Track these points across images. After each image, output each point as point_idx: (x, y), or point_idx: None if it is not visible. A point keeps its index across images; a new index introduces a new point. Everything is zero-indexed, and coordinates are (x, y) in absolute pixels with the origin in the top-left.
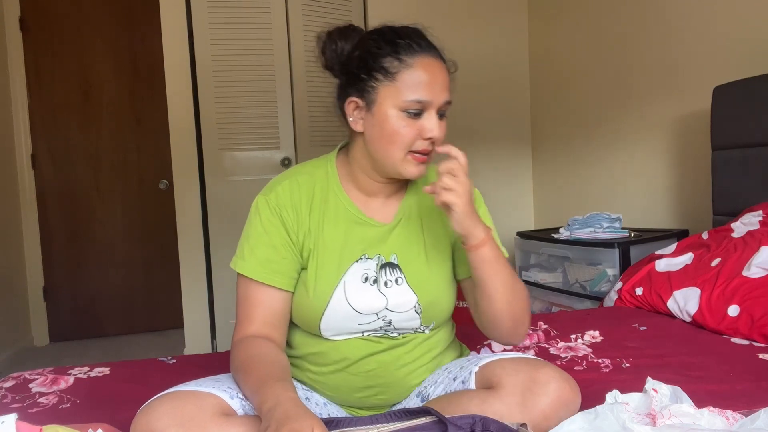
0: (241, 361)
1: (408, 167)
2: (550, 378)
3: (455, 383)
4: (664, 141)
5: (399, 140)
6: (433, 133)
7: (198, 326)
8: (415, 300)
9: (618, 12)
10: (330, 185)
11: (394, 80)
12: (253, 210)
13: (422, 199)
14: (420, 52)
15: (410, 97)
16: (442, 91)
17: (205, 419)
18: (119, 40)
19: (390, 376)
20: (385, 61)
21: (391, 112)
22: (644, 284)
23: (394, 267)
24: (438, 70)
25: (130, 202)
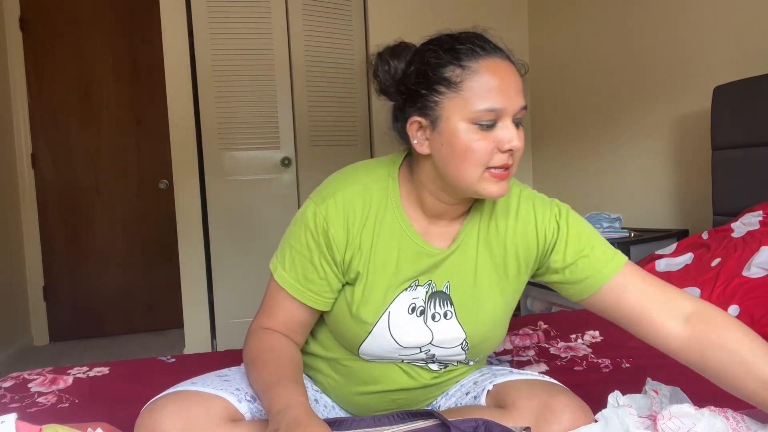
0: (255, 352)
1: (488, 186)
2: (565, 408)
3: (467, 398)
4: (664, 141)
5: (474, 157)
6: (512, 143)
7: (198, 326)
8: (463, 337)
9: (618, 12)
10: (389, 204)
11: (460, 90)
12: (301, 216)
13: (483, 222)
14: (484, 56)
15: (480, 107)
16: (516, 95)
17: (211, 425)
18: (119, 40)
19: (414, 405)
20: (447, 71)
21: (461, 126)
22: None
23: (444, 298)
24: (508, 73)
25: (130, 202)
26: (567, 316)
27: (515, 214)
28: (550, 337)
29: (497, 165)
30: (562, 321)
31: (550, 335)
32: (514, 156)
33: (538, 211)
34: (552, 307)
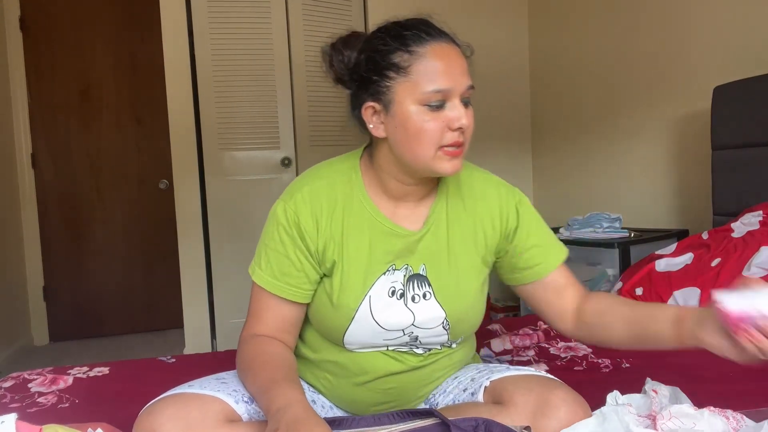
0: (249, 359)
1: (442, 164)
2: (562, 402)
3: (465, 394)
4: (664, 141)
5: (426, 137)
6: (461, 121)
7: (198, 326)
8: (443, 316)
9: (618, 12)
10: (354, 192)
11: (408, 74)
12: (272, 217)
13: (451, 203)
14: (430, 40)
15: (428, 88)
16: (462, 76)
17: (209, 426)
18: (119, 39)
19: (408, 395)
20: (395, 57)
21: (412, 109)
22: (644, 284)
23: (422, 280)
24: (453, 55)
25: (130, 202)
26: None
27: (481, 196)
28: (550, 337)
29: (449, 143)
30: None
31: (550, 335)
32: (464, 134)
33: (502, 195)
34: None
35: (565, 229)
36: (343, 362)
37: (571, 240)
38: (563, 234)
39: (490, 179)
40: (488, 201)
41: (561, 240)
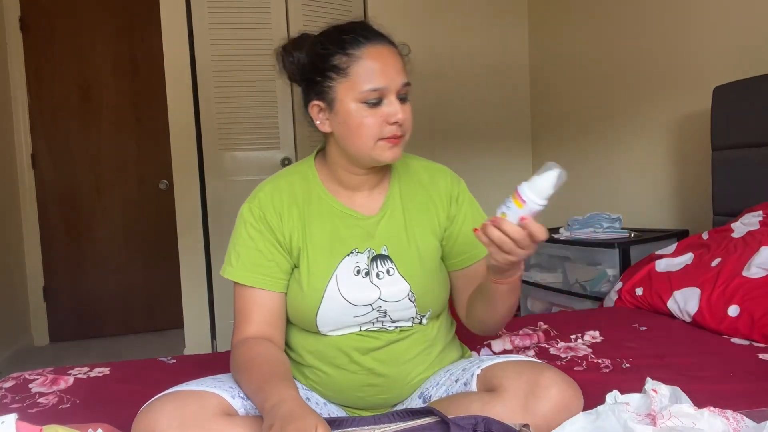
0: (241, 362)
1: (382, 153)
2: (552, 382)
3: (457, 385)
4: (664, 141)
5: (365, 132)
6: (397, 116)
7: (198, 326)
8: (407, 288)
9: (618, 12)
10: (311, 186)
11: (347, 75)
12: (239, 218)
13: (405, 189)
14: (366, 43)
15: (365, 87)
16: (397, 75)
17: (207, 419)
18: (119, 40)
19: (390, 373)
20: (335, 59)
21: (352, 106)
22: (644, 284)
23: (384, 258)
24: (388, 56)
25: (130, 202)
26: (567, 316)
27: (431, 182)
28: (550, 337)
29: (387, 136)
30: (562, 321)
31: (550, 335)
32: (403, 127)
33: (448, 182)
34: (552, 307)
35: (565, 229)
36: (321, 349)
37: (571, 240)
38: (563, 234)
39: (439, 168)
40: (438, 186)
41: (561, 240)
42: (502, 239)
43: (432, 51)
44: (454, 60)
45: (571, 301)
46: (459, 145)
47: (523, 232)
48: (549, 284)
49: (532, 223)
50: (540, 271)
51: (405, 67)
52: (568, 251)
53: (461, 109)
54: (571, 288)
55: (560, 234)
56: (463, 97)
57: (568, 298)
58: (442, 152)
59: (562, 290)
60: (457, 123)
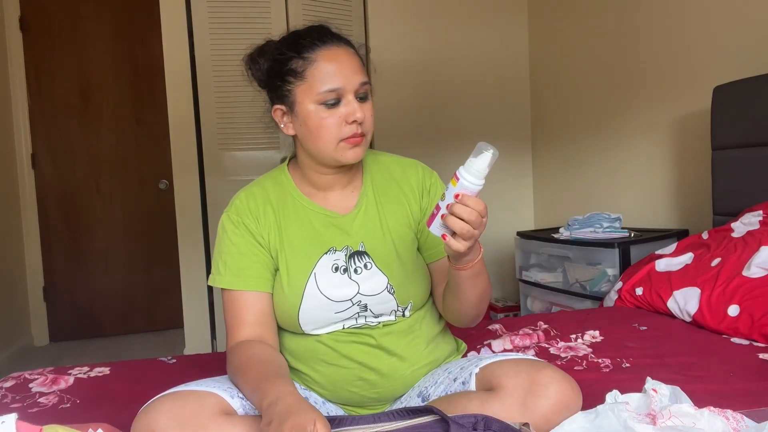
0: (237, 364)
1: (344, 153)
2: (550, 380)
3: (455, 384)
4: (664, 141)
5: (325, 133)
6: (355, 116)
7: (198, 326)
8: (386, 281)
9: (618, 12)
10: (286, 189)
11: (305, 78)
12: (220, 228)
13: (378, 185)
14: (321, 46)
15: (322, 89)
16: (353, 75)
17: (206, 419)
18: (119, 40)
19: (381, 367)
20: (292, 64)
21: (311, 108)
22: (644, 284)
23: (362, 254)
24: (343, 57)
25: (130, 202)
26: (567, 316)
27: (403, 177)
28: (550, 337)
29: (347, 136)
30: (562, 321)
31: (550, 335)
32: (363, 126)
33: (420, 175)
34: (552, 307)
35: (565, 229)
36: (309, 347)
37: (571, 240)
38: (563, 234)
39: (410, 162)
40: (409, 179)
41: (561, 240)
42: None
43: (432, 51)
44: (454, 60)
45: (571, 301)
46: (459, 145)
47: (472, 210)
48: (549, 284)
49: (469, 197)
50: (540, 271)
51: (363, 66)
52: (568, 251)
53: (461, 109)
54: (571, 288)
55: (560, 234)
56: (463, 97)
57: (568, 298)
58: (441, 152)
59: (562, 290)
60: (456, 123)
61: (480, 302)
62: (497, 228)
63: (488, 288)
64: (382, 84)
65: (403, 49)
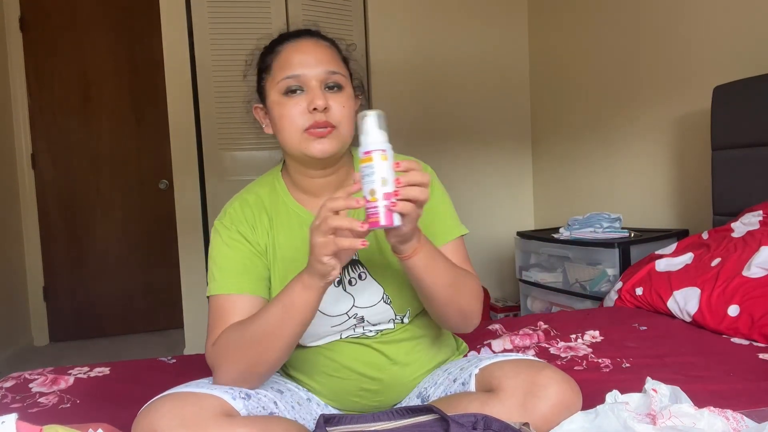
0: (224, 345)
1: (308, 146)
2: (550, 381)
3: (455, 385)
4: (664, 141)
5: (287, 122)
6: (315, 103)
7: (198, 326)
8: (381, 291)
9: (618, 12)
10: (279, 196)
11: (271, 70)
12: (213, 234)
13: None
14: (291, 39)
15: (281, 76)
16: (317, 63)
17: (207, 420)
18: (119, 40)
19: (383, 377)
20: (266, 59)
21: (275, 98)
22: (644, 284)
23: (355, 263)
24: (310, 47)
25: (130, 202)
26: (567, 316)
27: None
28: (550, 337)
29: (309, 125)
30: (562, 321)
31: (550, 335)
32: (330, 116)
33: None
34: (552, 307)
35: (565, 229)
36: (309, 358)
37: (571, 240)
38: (563, 234)
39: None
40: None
41: (561, 240)
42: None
43: (432, 52)
44: (453, 60)
45: (571, 301)
46: (459, 145)
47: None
48: (549, 284)
49: (415, 173)
50: (540, 271)
51: (336, 59)
52: (568, 251)
53: (461, 109)
54: (571, 288)
55: (560, 234)
56: (463, 98)
57: (568, 298)
58: (441, 153)
59: (562, 290)
60: (457, 123)
61: (455, 295)
62: (497, 228)
63: (460, 278)
64: (381, 84)
65: (402, 49)
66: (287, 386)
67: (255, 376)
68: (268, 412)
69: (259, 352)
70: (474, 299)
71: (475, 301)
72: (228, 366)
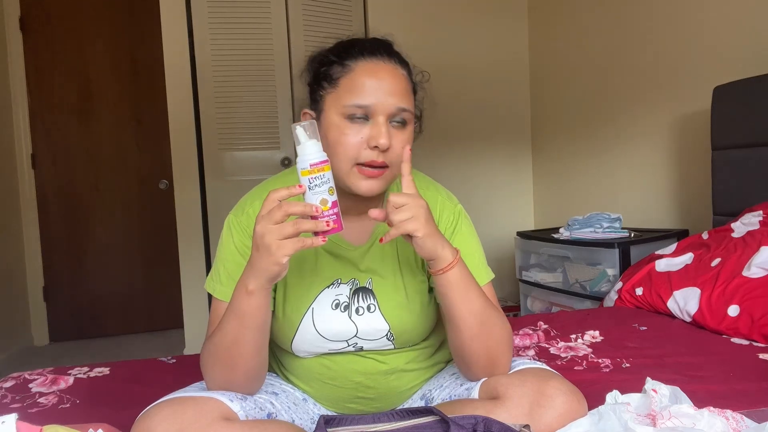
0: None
1: (356, 182)
2: (557, 391)
3: (461, 389)
4: (664, 141)
5: (341, 150)
6: (378, 141)
7: (198, 326)
8: (386, 329)
9: (618, 12)
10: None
11: (336, 86)
12: (226, 230)
13: None
14: (367, 57)
15: (349, 102)
16: (389, 96)
17: (206, 424)
18: (119, 39)
19: (379, 386)
20: (331, 69)
21: (334, 119)
22: (644, 284)
23: (368, 292)
24: (386, 74)
25: (130, 202)
26: (567, 316)
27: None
28: (550, 337)
29: (364, 161)
30: (562, 321)
31: (550, 335)
32: (387, 156)
33: (445, 210)
34: (552, 307)
35: (565, 229)
36: (306, 365)
37: (571, 240)
38: (563, 234)
39: (444, 200)
40: (440, 222)
41: (561, 240)
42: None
43: (432, 51)
44: (454, 60)
45: (571, 301)
46: (459, 145)
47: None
48: (549, 284)
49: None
50: (540, 271)
51: (408, 92)
52: (568, 251)
53: (461, 109)
54: (571, 288)
55: (560, 234)
56: (463, 98)
57: (568, 298)
58: (441, 153)
59: (562, 290)
60: (457, 123)
61: (483, 330)
62: (497, 228)
63: (491, 313)
64: None
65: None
66: (282, 387)
67: (237, 384)
68: (266, 412)
69: (230, 364)
70: (504, 345)
71: (504, 347)
72: (210, 376)
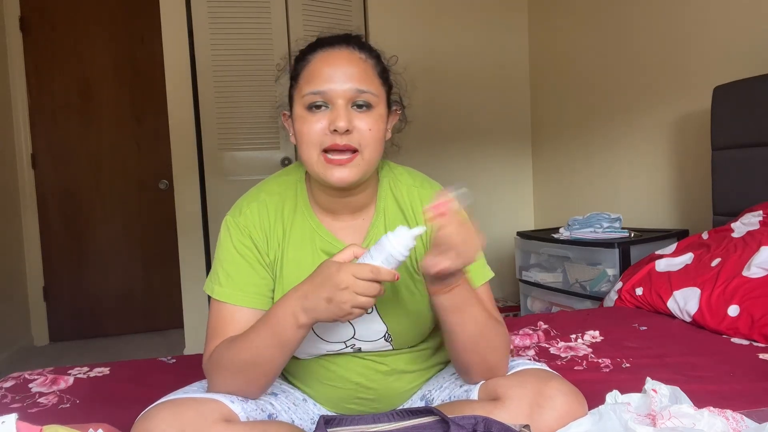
0: (220, 357)
1: (325, 171)
2: (557, 392)
3: (460, 390)
4: (664, 141)
5: (306, 138)
6: (336, 124)
7: (198, 326)
8: (384, 330)
9: (617, 13)
10: (299, 206)
11: (299, 80)
12: (224, 231)
13: (391, 219)
14: (325, 48)
15: (307, 90)
16: (346, 80)
17: (206, 426)
18: (119, 40)
19: (379, 387)
20: (297, 67)
21: (299, 111)
22: (644, 284)
23: None
24: (341, 59)
25: (130, 202)
26: (567, 316)
27: (412, 211)
28: (550, 337)
29: (327, 146)
30: (562, 321)
31: (550, 335)
32: (353, 138)
33: None
34: (552, 307)
35: (565, 229)
36: (305, 365)
37: (571, 240)
38: (563, 234)
39: (430, 188)
40: (421, 214)
41: (561, 240)
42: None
43: (432, 51)
44: (454, 60)
45: (571, 301)
46: (459, 145)
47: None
48: (549, 284)
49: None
50: (540, 271)
51: (370, 75)
52: (568, 251)
53: (461, 109)
54: (571, 288)
55: (560, 234)
56: (463, 98)
57: (568, 298)
58: (441, 153)
59: (562, 290)
60: (457, 123)
61: (480, 343)
62: (497, 228)
63: (490, 328)
64: None
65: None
66: (282, 388)
67: (249, 393)
68: (266, 413)
69: (251, 378)
70: (502, 352)
71: (502, 354)
72: (221, 384)
